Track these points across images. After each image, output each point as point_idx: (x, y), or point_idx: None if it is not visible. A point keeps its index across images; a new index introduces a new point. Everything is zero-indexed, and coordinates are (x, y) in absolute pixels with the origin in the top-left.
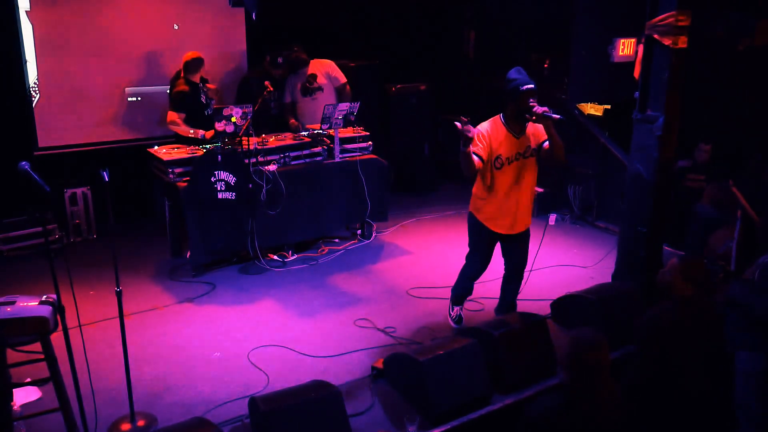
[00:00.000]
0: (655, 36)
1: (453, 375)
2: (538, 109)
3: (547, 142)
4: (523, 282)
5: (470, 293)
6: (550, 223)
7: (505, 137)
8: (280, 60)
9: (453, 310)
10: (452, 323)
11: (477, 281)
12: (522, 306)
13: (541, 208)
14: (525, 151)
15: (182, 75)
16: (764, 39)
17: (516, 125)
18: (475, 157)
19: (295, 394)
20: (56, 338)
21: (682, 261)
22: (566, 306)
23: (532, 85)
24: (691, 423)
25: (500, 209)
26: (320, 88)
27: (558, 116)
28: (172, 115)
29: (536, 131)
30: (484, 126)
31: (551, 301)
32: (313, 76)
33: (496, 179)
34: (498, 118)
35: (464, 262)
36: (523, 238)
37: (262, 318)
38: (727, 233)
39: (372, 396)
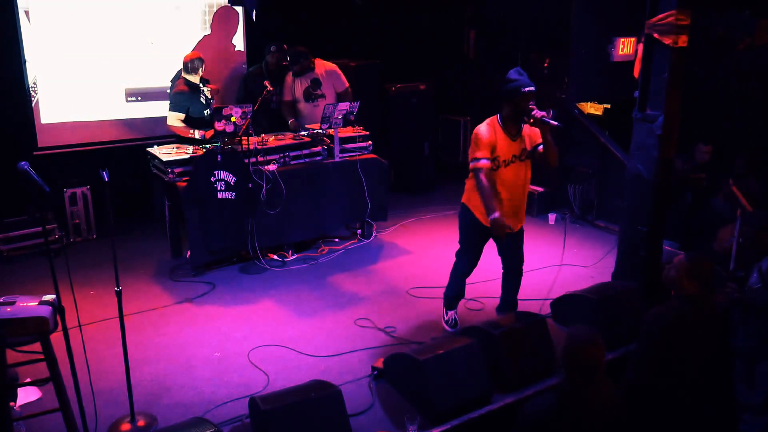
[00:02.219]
0: (655, 35)
1: (453, 374)
2: (537, 113)
3: (541, 146)
4: (523, 280)
5: (463, 295)
6: (550, 222)
7: (503, 139)
8: (285, 47)
9: (447, 314)
10: (447, 328)
11: (477, 281)
12: (522, 305)
13: (541, 207)
14: (521, 153)
15: (182, 75)
16: (764, 38)
17: (513, 127)
18: (482, 162)
19: (295, 393)
20: (56, 338)
21: (689, 259)
22: (566, 305)
23: (533, 88)
24: (693, 422)
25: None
26: (323, 95)
27: (556, 123)
28: (172, 116)
29: (532, 133)
30: (482, 130)
31: (551, 301)
32: (318, 83)
33: (492, 180)
34: (495, 120)
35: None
36: (517, 237)
37: (261, 318)
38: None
39: (372, 396)
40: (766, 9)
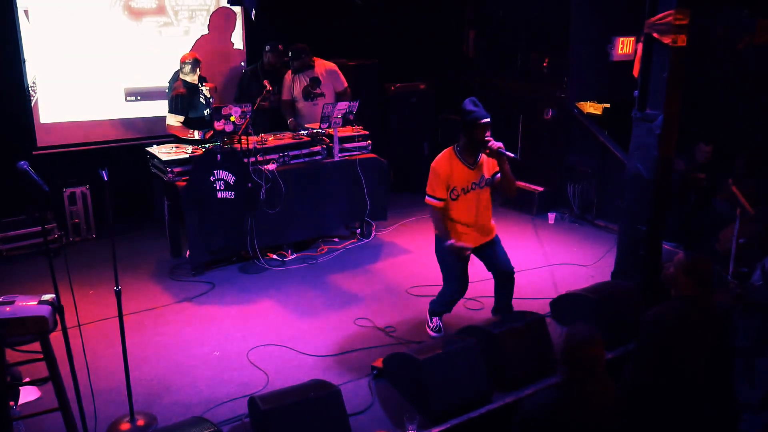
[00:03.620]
0: (655, 35)
1: (453, 374)
2: (494, 144)
3: (499, 175)
4: (523, 281)
5: (450, 311)
6: (549, 221)
7: (460, 169)
8: (281, 47)
9: (432, 321)
10: (433, 333)
11: (476, 280)
12: (522, 305)
13: (541, 206)
14: (480, 180)
15: (179, 76)
16: (764, 37)
17: (470, 156)
18: (435, 201)
19: (294, 393)
20: (55, 338)
21: (687, 258)
22: (566, 305)
23: (488, 119)
24: (693, 422)
25: (461, 231)
26: (322, 94)
27: (512, 155)
28: (171, 119)
29: (490, 161)
30: (439, 164)
31: (551, 300)
32: (317, 81)
33: (453, 209)
34: (452, 150)
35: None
36: (494, 246)
37: (261, 317)
38: (739, 229)
39: (372, 395)
40: (764, 8)
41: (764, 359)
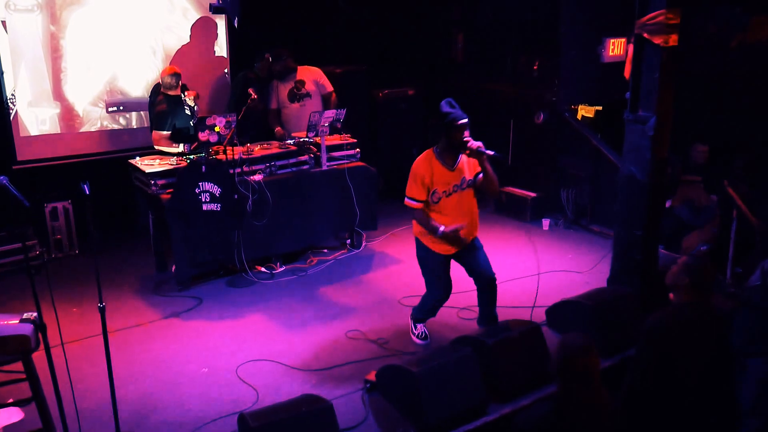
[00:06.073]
0: (645, 35)
1: (447, 385)
2: (473, 144)
3: (481, 175)
4: (518, 289)
5: (434, 317)
6: (543, 228)
7: (440, 171)
8: (267, 56)
9: (416, 328)
10: (418, 340)
11: (469, 290)
12: (516, 313)
13: (535, 213)
14: (461, 182)
15: (161, 91)
16: (757, 35)
17: (449, 158)
18: (414, 203)
19: (285, 409)
20: (38, 357)
21: (690, 263)
22: (562, 312)
23: (466, 119)
24: (694, 428)
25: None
26: (308, 95)
27: (492, 152)
28: (156, 135)
29: (472, 162)
30: (418, 166)
31: (546, 308)
32: (302, 82)
33: (436, 213)
34: (431, 153)
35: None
36: (474, 248)
37: (250, 332)
38: (701, 236)
39: (365, 409)
40: (757, 5)
41: (757, 360)
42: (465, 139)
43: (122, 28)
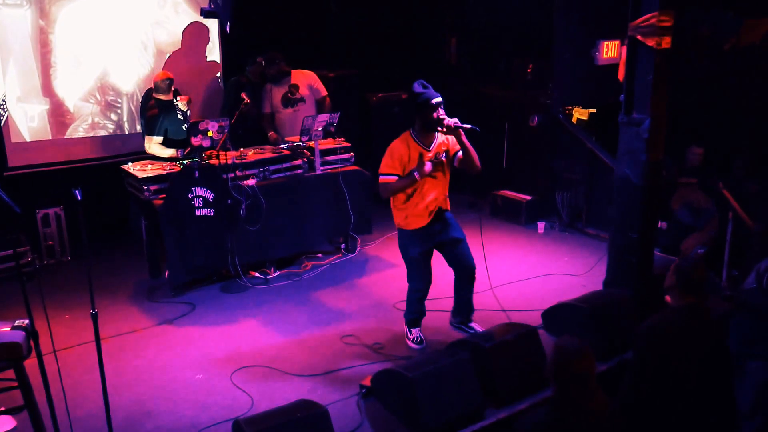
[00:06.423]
0: (638, 37)
1: (444, 390)
2: (449, 121)
3: (460, 152)
4: (515, 292)
5: (424, 314)
6: (539, 231)
7: (417, 152)
8: (260, 60)
9: (411, 333)
10: (414, 345)
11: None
12: (514, 317)
13: (530, 216)
14: (438, 162)
15: (153, 95)
16: (750, 38)
17: (426, 138)
18: (389, 177)
19: (280, 414)
20: (30, 365)
21: (684, 265)
22: (558, 315)
23: (440, 98)
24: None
25: (419, 209)
26: (302, 99)
27: (469, 126)
28: (149, 141)
29: (450, 142)
30: (395, 145)
31: (542, 311)
32: (296, 87)
33: (413, 191)
34: (408, 134)
35: (408, 285)
36: (456, 237)
37: (244, 337)
38: (700, 238)
39: (361, 415)
40: (749, 9)
41: (755, 362)
42: (441, 116)
43: (112, 23)
